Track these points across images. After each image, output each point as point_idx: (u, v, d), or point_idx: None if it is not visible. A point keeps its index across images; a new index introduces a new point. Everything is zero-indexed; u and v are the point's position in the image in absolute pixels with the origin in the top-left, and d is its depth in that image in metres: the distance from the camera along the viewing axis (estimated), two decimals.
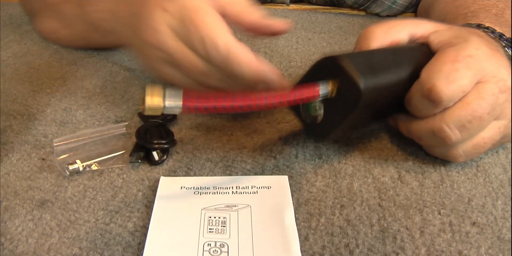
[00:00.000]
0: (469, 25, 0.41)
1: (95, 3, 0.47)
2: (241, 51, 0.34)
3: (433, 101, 0.33)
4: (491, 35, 0.39)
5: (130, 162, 0.37)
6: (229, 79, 0.36)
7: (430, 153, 0.38)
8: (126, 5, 0.41)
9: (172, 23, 0.35)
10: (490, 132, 0.34)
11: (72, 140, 0.39)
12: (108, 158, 0.37)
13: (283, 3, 0.70)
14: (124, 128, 0.40)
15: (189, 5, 0.35)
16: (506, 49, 0.39)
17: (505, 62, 0.34)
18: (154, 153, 0.37)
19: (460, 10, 0.47)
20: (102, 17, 0.46)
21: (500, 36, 0.39)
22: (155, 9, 0.36)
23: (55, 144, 0.38)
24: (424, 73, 0.34)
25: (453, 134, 0.33)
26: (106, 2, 0.45)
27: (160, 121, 0.40)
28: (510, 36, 0.40)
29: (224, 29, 0.35)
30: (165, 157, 0.37)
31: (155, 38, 0.36)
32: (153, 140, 0.37)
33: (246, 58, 0.34)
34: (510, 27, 0.43)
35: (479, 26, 0.40)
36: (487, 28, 0.40)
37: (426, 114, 0.34)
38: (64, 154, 0.37)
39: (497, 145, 0.38)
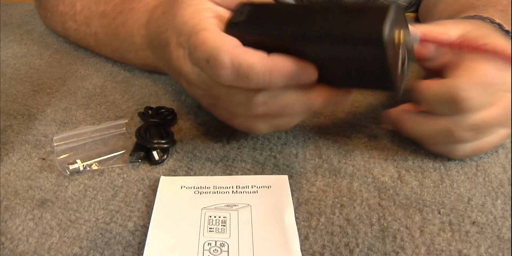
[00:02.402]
0: (481, 17, 0.40)
1: (134, 52, 0.47)
2: (251, 57, 0.30)
3: (457, 108, 0.33)
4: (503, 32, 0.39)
5: (130, 162, 0.37)
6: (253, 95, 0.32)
7: (431, 150, 0.38)
8: (160, 53, 0.40)
9: (188, 57, 0.33)
10: (493, 138, 0.36)
11: (73, 140, 0.39)
12: (108, 157, 0.37)
13: None
14: (124, 128, 0.40)
15: (192, 30, 0.32)
16: None
17: None
18: (154, 153, 0.37)
19: (465, 7, 0.47)
20: (147, 62, 0.47)
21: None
22: (172, 51, 0.35)
23: (55, 144, 0.38)
24: (458, 78, 0.33)
25: (465, 135, 0.34)
26: (144, 50, 0.45)
27: (160, 121, 0.40)
28: None
29: (224, 42, 0.31)
30: (165, 157, 0.37)
31: (184, 76, 0.35)
32: (153, 140, 0.37)
33: (261, 63, 0.30)
34: None
35: (491, 21, 0.40)
36: (498, 24, 0.40)
37: (441, 112, 0.35)
38: (65, 154, 0.37)
39: None
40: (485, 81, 0.33)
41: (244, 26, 0.32)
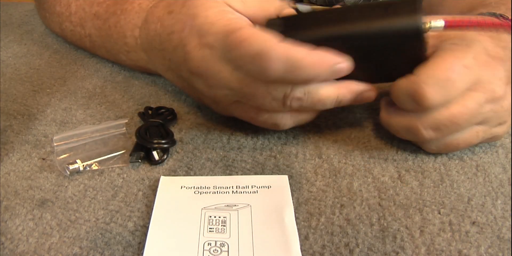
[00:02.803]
0: (492, 14, 0.40)
1: (126, 53, 0.46)
2: (300, 51, 0.31)
3: (419, 104, 0.33)
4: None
5: (130, 162, 0.37)
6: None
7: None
8: (163, 54, 0.39)
9: (221, 56, 0.33)
10: (466, 135, 0.35)
11: (73, 140, 0.39)
12: (108, 158, 0.37)
13: None
14: (124, 128, 0.40)
15: (221, 26, 0.33)
16: None
17: (501, 72, 0.34)
18: (154, 153, 0.37)
19: (474, 5, 0.47)
20: (140, 64, 0.46)
21: None
22: (193, 51, 0.35)
23: (55, 144, 0.38)
24: (419, 74, 0.33)
25: (427, 134, 0.34)
26: (137, 52, 0.45)
27: (160, 121, 0.40)
28: None
29: (270, 37, 0.31)
30: (165, 157, 0.37)
31: (210, 78, 0.35)
32: (153, 140, 0.37)
33: (310, 57, 0.31)
34: None
35: (505, 18, 0.40)
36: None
37: (408, 109, 0.35)
38: (65, 154, 0.37)
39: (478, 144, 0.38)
40: (445, 78, 0.32)
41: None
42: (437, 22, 0.32)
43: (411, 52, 0.33)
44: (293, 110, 0.35)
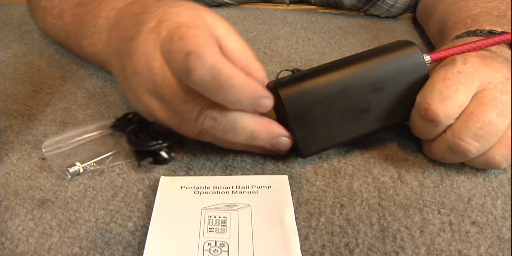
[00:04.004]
0: (468, 33, 0.41)
1: (90, 36, 0.45)
2: (232, 70, 0.30)
3: (432, 121, 0.33)
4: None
5: (144, 171, 0.36)
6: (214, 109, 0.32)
7: (470, 165, 0.37)
8: (120, 33, 0.38)
9: (160, 45, 0.32)
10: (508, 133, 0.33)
11: (64, 143, 0.38)
12: (105, 157, 0.37)
13: (283, 3, 0.70)
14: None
15: (181, 21, 0.32)
16: None
17: (498, 66, 0.34)
18: (163, 153, 0.36)
19: (462, 13, 0.48)
20: (96, 49, 0.45)
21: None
22: (144, 31, 0.34)
23: (44, 151, 0.37)
24: (419, 96, 0.35)
25: (470, 145, 0.33)
26: (101, 33, 0.43)
27: (139, 125, 0.39)
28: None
29: (215, 47, 0.31)
30: (173, 154, 0.37)
31: (139, 62, 0.33)
32: (149, 143, 0.36)
33: (239, 79, 0.30)
34: None
35: (475, 31, 0.41)
36: (490, 31, 0.40)
37: (433, 135, 0.35)
38: (60, 158, 0.37)
39: None
40: (444, 87, 0.33)
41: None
42: (426, 57, 0.36)
43: (415, 85, 0.35)
44: (204, 130, 0.34)
